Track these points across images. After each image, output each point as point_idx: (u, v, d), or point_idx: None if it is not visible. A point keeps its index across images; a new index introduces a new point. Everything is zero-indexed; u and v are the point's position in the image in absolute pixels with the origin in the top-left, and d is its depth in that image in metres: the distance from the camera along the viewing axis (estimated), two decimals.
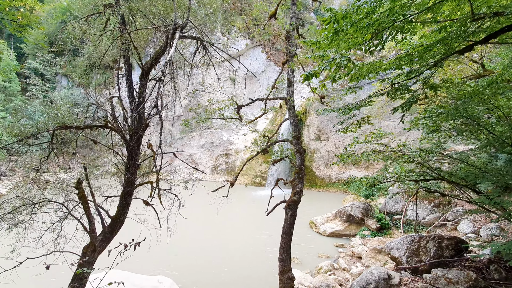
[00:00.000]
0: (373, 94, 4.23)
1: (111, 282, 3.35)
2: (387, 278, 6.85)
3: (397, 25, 3.05)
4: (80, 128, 4.99)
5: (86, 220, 5.81)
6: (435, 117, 5.51)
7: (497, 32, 3.51)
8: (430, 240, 7.66)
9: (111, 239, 5.67)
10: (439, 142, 6.03)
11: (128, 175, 5.52)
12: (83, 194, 5.65)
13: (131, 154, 5.65)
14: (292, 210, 6.24)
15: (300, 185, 6.61)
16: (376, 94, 4.29)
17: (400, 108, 3.80)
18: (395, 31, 2.98)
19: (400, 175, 6.70)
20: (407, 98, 3.82)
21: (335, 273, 9.72)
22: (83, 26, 6.56)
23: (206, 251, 11.50)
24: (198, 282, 9.19)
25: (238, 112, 8.32)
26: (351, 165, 23.20)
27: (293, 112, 7.35)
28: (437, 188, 7.40)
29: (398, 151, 6.24)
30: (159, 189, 5.40)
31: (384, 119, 20.78)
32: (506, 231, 9.42)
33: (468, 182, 5.69)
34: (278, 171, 24.35)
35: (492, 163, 7.30)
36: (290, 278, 5.78)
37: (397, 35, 3.86)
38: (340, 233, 13.43)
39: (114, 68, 6.87)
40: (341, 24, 2.86)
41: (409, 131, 6.12)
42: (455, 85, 5.14)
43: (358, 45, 3.25)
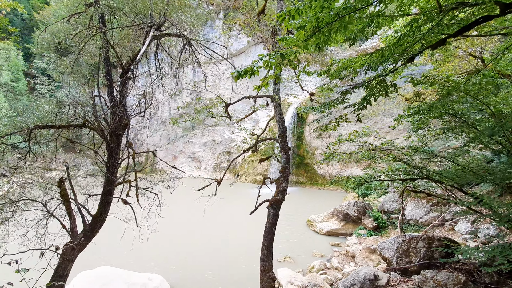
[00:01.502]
0: (345, 92, 4.06)
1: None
2: (373, 279, 6.71)
3: (357, 20, 2.91)
4: (56, 128, 5.02)
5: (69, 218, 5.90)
6: (420, 114, 5.31)
7: (470, 24, 3.33)
8: (420, 241, 7.45)
9: (92, 237, 5.72)
10: (424, 140, 5.82)
11: (108, 174, 5.54)
12: (65, 193, 5.71)
13: (111, 153, 5.66)
14: (275, 210, 6.16)
15: (284, 184, 6.52)
16: (348, 91, 4.12)
17: (353, 106, 3.63)
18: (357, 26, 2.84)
19: (388, 174, 6.53)
20: (363, 96, 3.66)
21: (327, 273, 9.62)
22: (66, 26, 6.58)
23: (198, 249, 11.56)
24: (189, 279, 9.24)
25: (226, 110, 8.25)
26: (352, 163, 22.86)
27: (279, 110, 7.24)
28: (429, 187, 7.18)
29: (384, 149, 6.07)
30: (137, 188, 5.41)
31: (387, 116, 20.32)
32: (506, 233, 9.10)
33: (455, 182, 5.48)
34: (279, 169, 24.21)
35: (490, 163, 7.04)
36: (271, 278, 5.72)
37: (367, 30, 3.71)
38: (337, 232, 13.28)
39: (96, 67, 6.77)
40: (296, 19, 2.74)
41: (393, 129, 5.93)
42: (438, 81, 4.93)
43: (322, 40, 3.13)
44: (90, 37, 5.14)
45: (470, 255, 4.80)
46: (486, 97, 5.29)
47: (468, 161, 6.81)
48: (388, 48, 3.46)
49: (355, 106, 3.70)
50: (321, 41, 2.56)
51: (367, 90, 3.50)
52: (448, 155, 5.66)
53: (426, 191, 6.25)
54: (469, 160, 6.80)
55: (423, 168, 5.72)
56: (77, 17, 6.46)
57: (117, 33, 7.05)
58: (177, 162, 31.18)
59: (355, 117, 5.76)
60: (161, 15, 5.39)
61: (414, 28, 3.32)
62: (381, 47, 3.59)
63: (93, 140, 5.90)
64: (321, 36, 2.51)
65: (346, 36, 3.69)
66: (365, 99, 3.51)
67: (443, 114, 5.41)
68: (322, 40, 2.57)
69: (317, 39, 2.52)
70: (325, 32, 2.49)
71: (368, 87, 3.52)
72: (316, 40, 2.52)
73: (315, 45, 2.58)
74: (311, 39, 2.40)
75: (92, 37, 5.09)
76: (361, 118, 4.04)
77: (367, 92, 3.60)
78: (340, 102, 4.24)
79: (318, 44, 2.59)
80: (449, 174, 5.41)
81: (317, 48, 2.65)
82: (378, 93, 3.53)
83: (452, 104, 5.30)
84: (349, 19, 2.45)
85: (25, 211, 5.85)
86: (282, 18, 2.78)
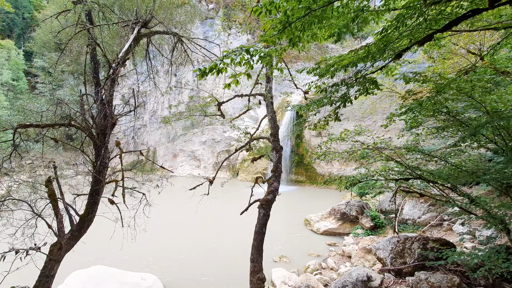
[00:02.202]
0: (325, 90, 3.89)
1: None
2: (366, 281, 6.60)
3: (337, 14, 2.79)
4: (41, 127, 4.96)
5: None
6: (413, 113, 5.18)
7: (458, 18, 3.18)
8: (415, 242, 7.33)
9: (79, 237, 5.67)
10: (417, 139, 5.68)
11: (94, 173, 5.48)
12: (52, 192, 5.66)
13: (98, 152, 5.60)
14: (265, 210, 6.07)
15: (275, 184, 6.42)
16: (324, 90, 3.95)
17: (329, 105, 3.49)
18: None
19: (381, 174, 6.41)
20: (341, 95, 3.53)
21: (322, 273, 9.52)
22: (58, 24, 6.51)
23: (193, 248, 11.50)
24: (183, 279, 9.20)
25: (219, 108, 8.16)
26: (352, 161, 22.70)
27: (271, 108, 7.12)
28: (425, 187, 7.05)
29: (376, 148, 5.94)
30: (123, 188, 5.34)
31: (387, 114, 20.05)
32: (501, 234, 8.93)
33: (448, 182, 5.35)
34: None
35: (489, 163, 6.86)
36: (261, 279, 5.64)
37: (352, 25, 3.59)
38: (334, 231, 13.17)
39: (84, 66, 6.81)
40: (274, 13, 2.62)
41: (386, 128, 5.80)
42: (430, 78, 4.78)
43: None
44: (73, 35, 5.06)
45: (456, 259, 4.68)
46: (483, 95, 5.14)
47: (465, 160, 6.66)
48: (375, 44, 3.33)
49: (331, 105, 3.57)
50: (294, 36, 2.44)
51: (347, 88, 3.38)
52: (441, 155, 5.52)
53: (418, 191, 6.12)
54: (466, 159, 6.65)
55: (416, 168, 5.59)
56: (65, 15, 6.37)
57: (108, 31, 6.97)
58: (177, 160, 31.19)
59: (354, 115, 5.59)
60: (147, 12, 5.29)
61: (399, 23, 3.19)
62: (367, 44, 3.46)
63: (81, 140, 5.83)
64: (294, 32, 2.39)
65: (331, 32, 3.56)
66: (343, 98, 3.37)
67: (437, 112, 5.27)
68: (295, 36, 2.44)
69: (290, 35, 2.40)
70: (298, 27, 2.37)
71: (347, 85, 3.40)
72: (289, 35, 2.39)
73: (288, 40, 2.46)
74: (283, 34, 2.28)
75: (75, 34, 5.01)
76: (340, 117, 3.92)
77: (346, 90, 3.48)
78: (327, 101, 4.10)
79: (292, 40, 2.47)
80: (442, 174, 5.28)
81: (292, 44, 2.53)
82: (358, 91, 3.40)
83: (445, 102, 5.16)
84: (324, 14, 2.32)
85: (13, 210, 5.81)
86: (259, 13, 2.66)
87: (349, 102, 3.42)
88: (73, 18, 6.69)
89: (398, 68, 5.78)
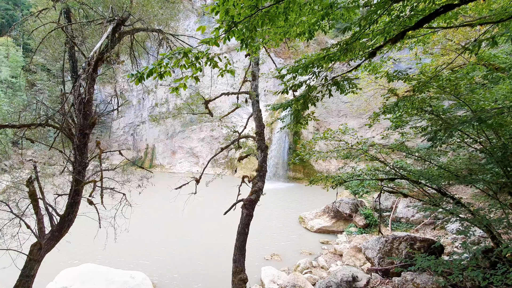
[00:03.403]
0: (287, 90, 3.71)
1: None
2: (351, 281, 6.54)
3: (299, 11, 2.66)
4: (17, 127, 4.91)
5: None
6: (394, 111, 5.05)
7: (431, 14, 3.05)
8: (402, 242, 7.24)
9: (59, 238, 5.66)
10: (403, 138, 5.55)
11: (74, 174, 5.44)
12: (33, 192, 5.64)
13: (77, 152, 5.55)
14: (248, 210, 6.01)
15: (259, 184, 6.34)
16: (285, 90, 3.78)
17: (288, 107, 3.37)
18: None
19: (366, 174, 6.30)
20: (301, 95, 3.40)
21: (312, 271, 9.47)
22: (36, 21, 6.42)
23: (184, 247, 11.51)
24: (172, 277, 9.21)
25: (206, 106, 8.07)
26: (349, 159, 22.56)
27: (256, 106, 7.01)
28: (411, 187, 6.92)
29: (361, 148, 5.82)
30: (102, 188, 5.30)
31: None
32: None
33: (431, 182, 5.24)
34: (274, 165, 24.07)
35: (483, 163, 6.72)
36: (242, 280, 5.60)
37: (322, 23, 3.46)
38: (328, 229, 13.11)
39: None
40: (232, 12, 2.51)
41: (370, 127, 5.68)
42: (412, 76, 4.63)
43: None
44: (47, 34, 4.97)
45: (424, 265, 4.61)
46: (469, 93, 4.99)
47: (454, 160, 6.52)
48: (347, 43, 3.20)
49: (289, 106, 3.46)
50: (246, 37, 2.32)
51: (309, 91, 3.24)
52: (425, 155, 5.39)
53: (401, 191, 6.01)
54: (455, 159, 6.51)
55: (401, 168, 5.47)
56: (45, 14, 6.28)
57: (90, 29, 6.87)
58: (176, 157, 31.23)
59: (352, 112, 5.44)
60: (123, 10, 5.18)
61: (366, 21, 3.06)
62: (338, 42, 3.34)
63: (61, 139, 5.78)
64: (245, 32, 2.27)
65: (301, 30, 3.44)
66: (302, 97, 3.23)
67: (420, 111, 5.14)
68: (247, 36, 2.32)
69: (240, 35, 2.28)
70: (249, 27, 2.25)
71: (308, 86, 3.27)
72: (240, 36, 2.28)
73: (240, 41, 2.35)
74: (231, 34, 2.16)
75: (50, 33, 4.92)
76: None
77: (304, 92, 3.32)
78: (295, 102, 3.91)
79: (244, 41, 2.35)
80: (426, 174, 5.16)
81: (244, 44, 2.41)
82: (321, 92, 3.28)
83: (429, 100, 5.03)
84: (275, 13, 2.19)
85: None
86: (217, 12, 2.55)
87: (312, 104, 3.31)
88: (55, 16, 6.60)
89: (383, 65, 5.64)
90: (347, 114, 21.51)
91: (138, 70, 1.91)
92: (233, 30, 2.12)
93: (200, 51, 2.06)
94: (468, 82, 4.50)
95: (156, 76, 1.97)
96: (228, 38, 2.19)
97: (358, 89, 4.51)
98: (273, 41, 3.80)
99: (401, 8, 3.15)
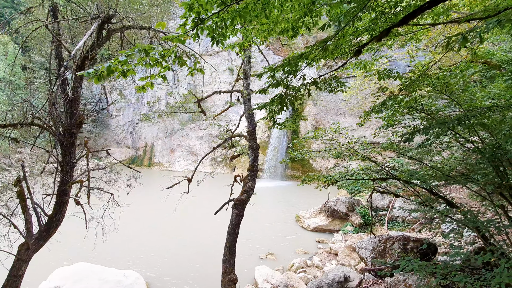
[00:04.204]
0: (262, 91, 3.56)
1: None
2: (343, 281, 6.48)
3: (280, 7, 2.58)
4: (2, 127, 4.85)
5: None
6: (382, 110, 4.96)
7: (415, 11, 2.95)
8: (396, 242, 7.18)
9: (47, 238, 5.62)
10: (394, 137, 5.46)
11: (62, 175, 5.39)
12: (21, 192, 5.59)
13: (64, 152, 5.49)
14: (238, 210, 5.95)
15: (250, 183, 6.28)
16: (261, 91, 3.63)
17: (267, 107, 3.26)
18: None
19: (358, 173, 6.22)
20: (277, 95, 3.31)
21: (306, 271, 9.42)
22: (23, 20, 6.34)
23: (179, 246, 11.49)
24: (166, 276, 9.20)
25: (199, 105, 7.99)
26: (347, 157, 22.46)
27: (248, 105, 6.93)
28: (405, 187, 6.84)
29: (352, 148, 5.74)
30: (88, 188, 5.25)
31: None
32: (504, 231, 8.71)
33: (422, 182, 5.15)
34: (273, 163, 24.01)
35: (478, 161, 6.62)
36: (231, 280, 5.56)
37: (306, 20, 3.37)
38: (324, 228, 13.06)
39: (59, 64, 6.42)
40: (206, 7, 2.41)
41: (360, 126, 5.59)
42: (399, 75, 4.54)
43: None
44: (32, 31, 4.90)
45: (407, 270, 4.55)
46: (462, 92, 4.89)
47: (448, 159, 6.43)
48: (324, 41, 3.11)
49: (263, 107, 3.35)
50: (217, 34, 2.24)
51: (288, 89, 3.15)
52: (417, 154, 5.30)
53: (393, 191, 5.93)
54: (450, 159, 6.42)
55: (392, 167, 5.39)
56: (33, 11, 6.20)
57: (80, 27, 6.78)
58: (175, 155, 31.20)
59: (351, 110, 5.32)
60: (109, 6, 5.09)
61: (349, 18, 2.96)
62: (318, 41, 3.25)
63: (49, 139, 5.72)
64: (215, 29, 2.19)
65: (283, 27, 3.35)
66: (279, 97, 3.12)
67: (411, 110, 5.05)
68: (218, 34, 2.24)
69: (211, 32, 2.20)
70: (219, 23, 2.16)
71: (286, 86, 3.18)
72: (210, 33, 2.19)
73: (211, 38, 2.26)
74: (201, 31, 2.08)
75: (33, 31, 4.85)
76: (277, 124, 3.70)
77: (280, 93, 3.20)
78: (273, 102, 3.73)
79: (215, 38, 2.26)
80: (417, 174, 5.08)
81: (215, 41, 2.32)
82: (299, 92, 3.19)
83: (421, 99, 4.93)
84: (246, 9, 2.11)
85: None
86: (191, 9, 2.46)
87: (290, 105, 3.23)
88: (44, 14, 6.52)
89: (375, 63, 5.53)
90: (345, 112, 21.39)
91: (96, 68, 1.83)
92: (201, 27, 2.04)
93: (165, 49, 1.98)
94: (461, 80, 4.39)
95: (119, 74, 1.89)
96: (198, 35, 2.11)
97: (348, 87, 4.42)
98: (258, 38, 3.71)
99: (385, 5, 3.05)
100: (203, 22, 1.97)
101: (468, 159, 6.49)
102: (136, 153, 33.24)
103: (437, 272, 4.09)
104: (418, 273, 4.22)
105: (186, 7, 1.94)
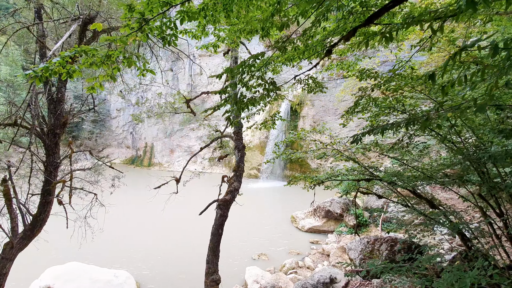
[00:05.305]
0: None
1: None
2: (328, 283, 6.45)
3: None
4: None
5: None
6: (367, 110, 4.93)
7: (380, 10, 2.92)
8: (383, 243, 7.12)
9: (32, 237, 5.67)
10: (375, 138, 5.42)
11: (45, 175, 5.43)
12: (7, 191, 5.65)
13: (48, 152, 5.54)
14: (222, 210, 5.94)
15: (236, 184, 6.27)
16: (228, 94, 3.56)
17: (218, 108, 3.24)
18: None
19: (344, 174, 6.18)
20: (229, 96, 3.29)
21: (297, 272, 9.39)
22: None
23: (171, 246, 11.51)
24: (157, 276, 9.23)
25: (188, 105, 8.01)
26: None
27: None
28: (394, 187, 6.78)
29: (336, 148, 5.71)
30: (71, 188, 5.28)
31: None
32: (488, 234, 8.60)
33: (404, 183, 5.11)
34: (271, 163, 23.96)
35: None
36: (215, 281, 5.55)
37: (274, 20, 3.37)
38: (318, 229, 13.01)
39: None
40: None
41: (344, 127, 5.55)
42: (378, 74, 4.50)
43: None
44: (14, 33, 4.95)
45: (383, 275, 4.51)
46: (446, 92, 4.83)
47: (436, 161, 6.36)
48: (282, 41, 3.09)
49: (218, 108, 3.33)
50: (168, 34, 2.24)
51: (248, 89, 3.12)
52: (401, 154, 5.25)
53: (375, 192, 5.88)
54: (438, 160, 6.36)
55: (374, 168, 5.35)
56: (19, 12, 6.26)
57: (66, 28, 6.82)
58: (174, 156, 31.32)
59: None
60: (91, 7, 5.12)
61: (317, 16, 2.95)
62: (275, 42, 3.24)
63: (34, 139, 5.77)
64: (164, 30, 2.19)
65: (251, 28, 3.34)
66: (251, 99, 3.08)
67: (394, 110, 5.01)
68: (169, 34, 2.24)
69: (160, 33, 2.20)
70: (169, 24, 2.17)
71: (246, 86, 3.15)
72: (159, 33, 2.20)
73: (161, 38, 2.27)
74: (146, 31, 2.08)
75: (15, 32, 4.90)
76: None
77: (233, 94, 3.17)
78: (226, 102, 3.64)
79: (166, 38, 2.26)
80: (399, 175, 5.03)
81: (167, 42, 2.33)
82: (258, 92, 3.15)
83: (404, 100, 4.90)
84: (193, 9, 2.11)
85: None
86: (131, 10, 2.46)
87: (251, 105, 3.21)
88: (31, 15, 6.58)
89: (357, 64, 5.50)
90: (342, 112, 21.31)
91: (34, 69, 1.84)
92: (149, 27, 2.04)
93: (111, 50, 1.98)
94: (446, 80, 4.33)
95: (64, 75, 1.90)
96: (147, 36, 2.11)
97: (326, 88, 4.40)
98: (229, 38, 3.71)
99: (351, 4, 3.03)
100: (148, 23, 1.97)
101: (451, 160, 6.43)
102: (136, 153, 33.42)
103: (411, 273, 4.04)
104: (383, 275, 4.19)
105: (126, 8, 1.94)
